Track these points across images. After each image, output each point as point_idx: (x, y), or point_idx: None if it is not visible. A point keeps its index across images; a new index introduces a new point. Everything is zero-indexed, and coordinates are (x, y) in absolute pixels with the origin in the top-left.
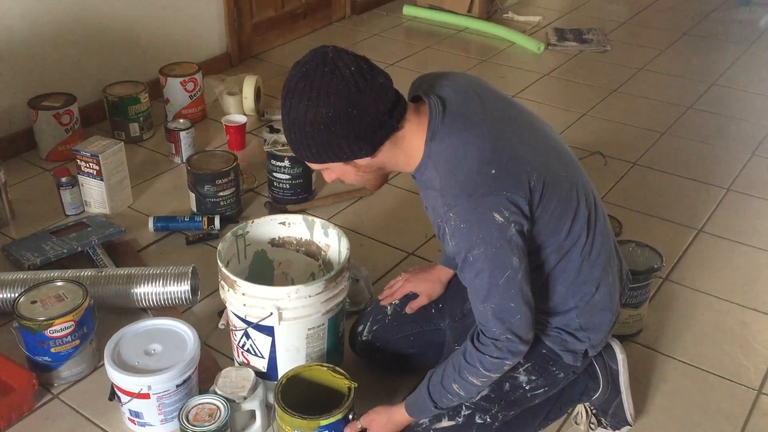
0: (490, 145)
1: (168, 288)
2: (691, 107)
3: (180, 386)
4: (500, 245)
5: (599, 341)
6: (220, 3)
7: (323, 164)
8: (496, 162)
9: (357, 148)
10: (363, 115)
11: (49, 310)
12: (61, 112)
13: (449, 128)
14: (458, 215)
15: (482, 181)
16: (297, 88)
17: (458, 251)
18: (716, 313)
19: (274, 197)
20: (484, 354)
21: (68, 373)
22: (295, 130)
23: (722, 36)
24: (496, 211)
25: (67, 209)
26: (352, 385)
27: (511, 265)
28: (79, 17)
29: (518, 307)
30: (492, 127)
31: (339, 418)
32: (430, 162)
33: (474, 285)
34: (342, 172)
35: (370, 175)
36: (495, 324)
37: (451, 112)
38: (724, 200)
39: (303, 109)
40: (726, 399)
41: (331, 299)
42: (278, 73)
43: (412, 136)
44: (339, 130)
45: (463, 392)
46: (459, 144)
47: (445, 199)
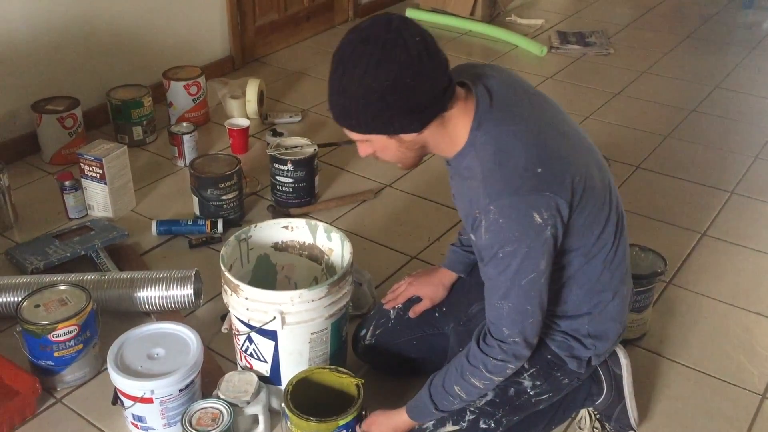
0: (537, 142)
1: (171, 292)
2: (694, 110)
3: (183, 390)
4: (533, 246)
5: (604, 350)
6: (223, 6)
7: (366, 135)
8: (542, 160)
9: (407, 122)
10: (420, 89)
11: (52, 314)
12: (65, 116)
13: (496, 119)
14: (499, 210)
15: (528, 178)
16: (356, 52)
17: (490, 245)
18: (720, 318)
19: (277, 201)
20: (488, 356)
21: (71, 377)
22: (345, 96)
23: (725, 39)
24: (537, 210)
25: (71, 213)
26: (360, 382)
27: (538, 267)
28: (83, 21)
29: (533, 310)
30: (538, 124)
31: (355, 416)
32: (473, 150)
33: (497, 282)
34: (383, 146)
35: (410, 153)
36: (507, 324)
37: (498, 103)
38: (728, 204)
39: (359, 75)
40: (730, 403)
41: (334, 303)
42: (281, 76)
43: (457, 120)
44: (394, 101)
45: (464, 395)
46: (506, 137)
47: (487, 191)
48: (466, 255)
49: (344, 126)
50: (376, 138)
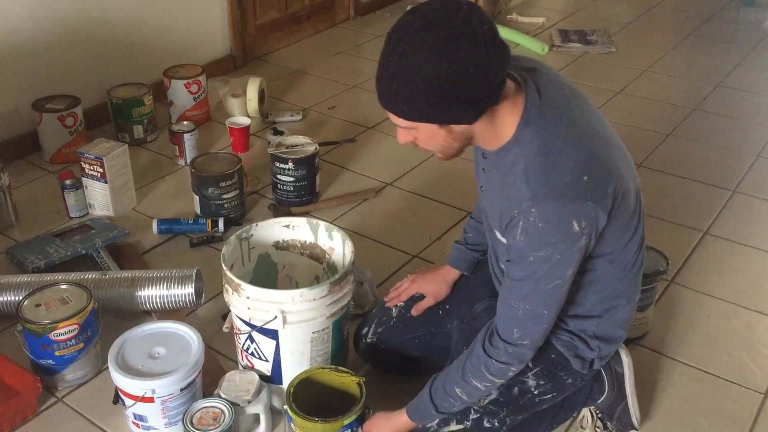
0: (584, 148)
1: (172, 291)
2: (696, 109)
3: (184, 390)
4: (565, 254)
5: (607, 354)
6: (224, 5)
7: (414, 123)
8: (588, 168)
9: (462, 113)
10: (482, 80)
11: (53, 314)
12: (65, 115)
13: (545, 119)
14: (541, 213)
15: (573, 185)
16: (418, 35)
17: (523, 247)
18: (722, 316)
19: (278, 200)
20: (491, 358)
21: (72, 377)
22: (401, 81)
23: (727, 37)
24: (576, 219)
25: (71, 212)
26: (361, 381)
27: (565, 275)
28: (83, 19)
29: (549, 316)
30: (584, 128)
31: (359, 414)
32: (518, 148)
33: (519, 283)
34: (429, 136)
35: (456, 144)
36: (520, 325)
37: (547, 102)
38: (730, 202)
39: (420, 60)
40: (732, 402)
41: (336, 302)
42: (282, 75)
43: (506, 114)
44: (452, 90)
45: (465, 396)
46: (555, 139)
47: (532, 193)
48: (470, 253)
49: (392, 111)
50: (424, 127)
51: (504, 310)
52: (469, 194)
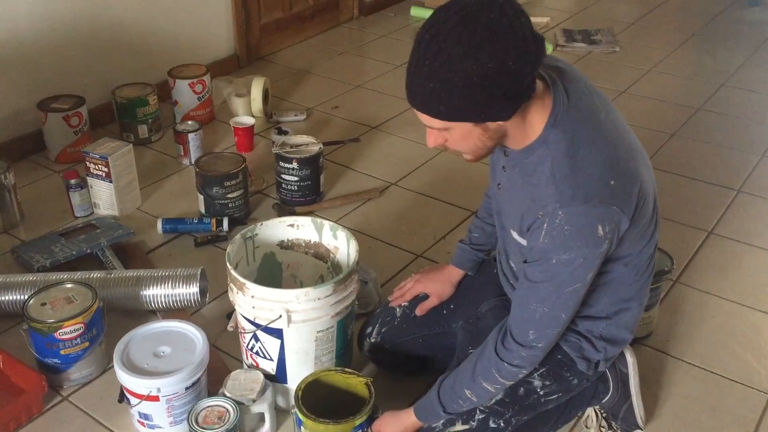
0: (612, 153)
1: (177, 290)
2: (700, 108)
3: (189, 388)
4: (588, 259)
5: (612, 355)
6: (228, 5)
7: (450, 123)
8: (615, 172)
9: (500, 109)
10: (520, 74)
11: (58, 312)
12: (70, 114)
13: (573, 121)
14: (568, 216)
15: (601, 189)
16: (454, 32)
17: (546, 250)
18: (727, 316)
19: (283, 199)
20: (503, 361)
21: (78, 375)
22: (437, 79)
23: (732, 37)
24: (601, 223)
25: (76, 211)
26: (369, 381)
27: (585, 279)
28: (88, 20)
29: (565, 319)
30: (610, 131)
31: (369, 415)
32: (544, 148)
33: (539, 285)
34: (463, 135)
35: (489, 143)
36: (535, 327)
37: (575, 103)
38: (735, 202)
39: (458, 57)
40: (737, 402)
41: (340, 302)
42: (286, 74)
43: (534, 112)
44: (491, 86)
45: (475, 398)
46: (583, 141)
47: (559, 195)
48: (475, 253)
49: (428, 113)
50: (459, 126)
51: (520, 312)
52: (473, 194)
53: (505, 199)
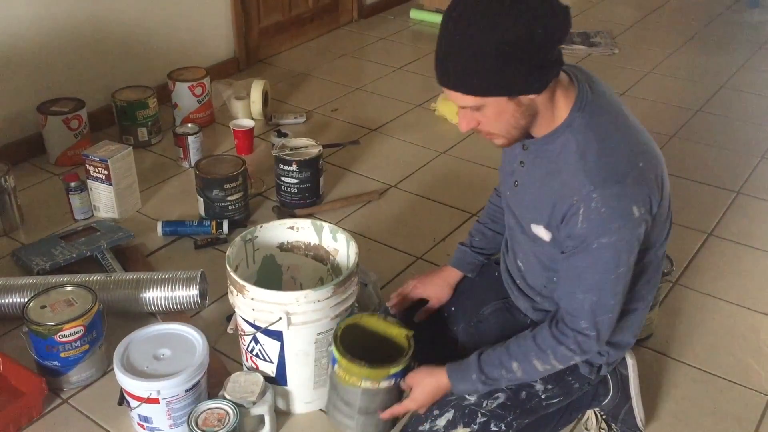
0: (637, 137)
1: (177, 293)
2: (700, 110)
3: (189, 391)
4: (629, 240)
5: (614, 359)
6: (228, 8)
7: (484, 99)
8: (642, 156)
9: (533, 80)
10: (550, 42)
11: (58, 315)
12: (70, 117)
13: (598, 107)
14: (603, 198)
15: (631, 170)
16: (481, 4)
17: (585, 235)
18: (727, 318)
19: (282, 201)
20: (560, 344)
21: (77, 378)
22: (469, 52)
23: (731, 38)
24: (636, 204)
25: (76, 214)
26: (410, 334)
27: (627, 263)
28: (88, 22)
29: (615, 306)
30: (633, 120)
31: (405, 366)
32: (569, 132)
33: (583, 274)
34: (498, 112)
35: (522, 121)
36: (586, 317)
37: (598, 96)
38: (734, 204)
39: (488, 27)
40: (737, 404)
41: (340, 304)
42: (285, 77)
43: (561, 96)
44: (523, 54)
45: (520, 373)
46: (609, 126)
47: (591, 178)
48: (475, 256)
49: (462, 90)
50: (493, 102)
51: (568, 304)
52: (472, 196)
53: (524, 195)
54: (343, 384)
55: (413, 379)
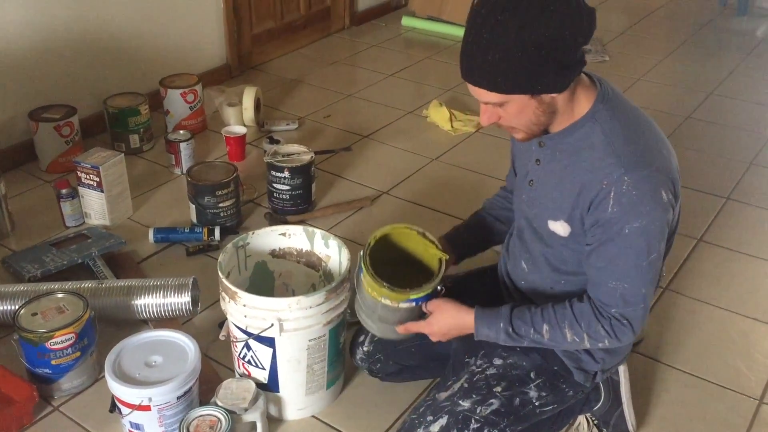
0: (656, 130)
1: (168, 299)
2: (689, 117)
3: (181, 398)
4: (660, 224)
5: (610, 366)
6: (220, 14)
7: (507, 96)
8: (663, 144)
9: (557, 79)
10: (575, 43)
11: (49, 322)
12: (62, 124)
13: (620, 101)
14: (633, 180)
15: (657, 156)
16: (510, 4)
17: (617, 219)
18: (717, 323)
19: (274, 208)
20: (599, 322)
21: (69, 385)
22: (497, 50)
23: (720, 45)
24: (664, 189)
25: (68, 221)
26: (444, 257)
27: (658, 249)
28: (80, 29)
29: (647, 293)
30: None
31: (429, 293)
32: (592, 122)
33: (615, 261)
34: (519, 109)
35: (543, 118)
36: (619, 304)
37: (615, 91)
38: (724, 209)
39: (516, 26)
40: (727, 409)
41: (332, 310)
42: (278, 84)
43: (581, 92)
44: (549, 55)
45: (547, 336)
46: (632, 117)
47: (621, 161)
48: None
49: (485, 86)
50: (516, 99)
51: (603, 292)
52: (464, 202)
53: (542, 192)
54: (367, 293)
55: (438, 306)
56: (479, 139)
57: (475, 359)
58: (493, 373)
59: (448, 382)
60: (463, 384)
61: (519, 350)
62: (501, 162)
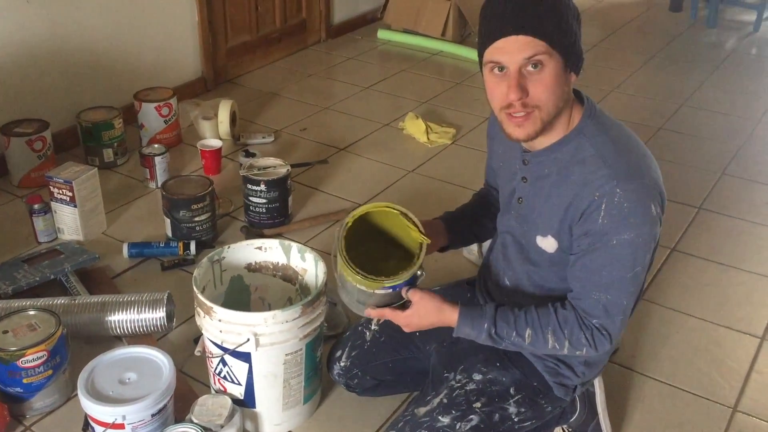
0: (641, 144)
1: (143, 315)
2: (661, 128)
3: (155, 415)
4: (647, 238)
5: (589, 379)
6: (195, 27)
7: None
8: (650, 158)
9: (578, 55)
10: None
11: (21, 340)
12: (34, 139)
13: (605, 117)
14: (625, 192)
15: (646, 170)
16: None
17: (606, 231)
18: (691, 332)
19: (251, 222)
20: (582, 331)
21: (41, 404)
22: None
23: (691, 58)
24: (654, 202)
25: (40, 236)
26: (425, 242)
27: (644, 262)
28: (52, 42)
29: (627, 306)
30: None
31: (406, 279)
32: (581, 137)
33: (601, 272)
34: (554, 77)
35: (561, 103)
36: (600, 315)
37: (599, 109)
38: (696, 219)
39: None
40: (702, 417)
41: (309, 324)
42: (253, 97)
43: (572, 106)
44: (578, 29)
45: (528, 341)
46: (619, 132)
47: (614, 173)
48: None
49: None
50: (556, 61)
51: (582, 304)
52: (441, 214)
53: (532, 209)
54: (344, 275)
55: (421, 299)
56: (455, 151)
57: (455, 374)
58: (473, 389)
59: (427, 397)
60: (442, 399)
61: (498, 365)
62: (477, 174)
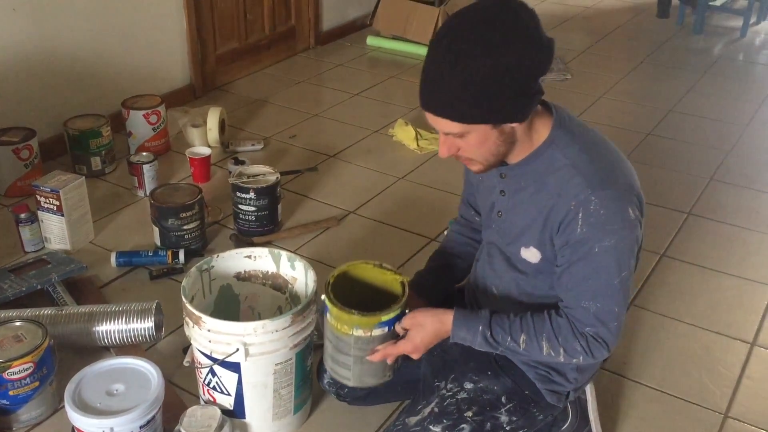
0: (614, 150)
1: (131, 325)
2: (650, 134)
3: (144, 427)
4: (628, 242)
5: (582, 384)
6: (184, 35)
7: (468, 126)
8: (625, 163)
9: (518, 108)
10: (535, 72)
11: (6, 352)
12: (20, 147)
13: (575, 125)
14: (600, 200)
15: (620, 175)
16: (472, 33)
17: (586, 239)
18: (681, 338)
19: (240, 230)
20: (576, 339)
21: (27, 417)
22: (459, 80)
23: (678, 64)
24: (631, 207)
25: (27, 246)
26: (405, 280)
27: (629, 266)
28: (39, 50)
29: (620, 312)
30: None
31: (397, 313)
32: (553, 148)
33: (587, 281)
34: (479, 140)
35: (502, 149)
36: (593, 324)
37: (569, 115)
38: (685, 225)
39: (479, 56)
40: (693, 423)
41: (299, 333)
42: (242, 104)
43: (538, 121)
44: (511, 84)
45: (523, 347)
46: (590, 138)
47: (588, 181)
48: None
49: (447, 116)
50: (477, 130)
51: (578, 312)
52: (431, 221)
53: (511, 222)
54: (336, 332)
55: (412, 320)
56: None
57: (446, 383)
58: (464, 398)
59: (418, 406)
60: (433, 408)
61: (490, 374)
62: None
